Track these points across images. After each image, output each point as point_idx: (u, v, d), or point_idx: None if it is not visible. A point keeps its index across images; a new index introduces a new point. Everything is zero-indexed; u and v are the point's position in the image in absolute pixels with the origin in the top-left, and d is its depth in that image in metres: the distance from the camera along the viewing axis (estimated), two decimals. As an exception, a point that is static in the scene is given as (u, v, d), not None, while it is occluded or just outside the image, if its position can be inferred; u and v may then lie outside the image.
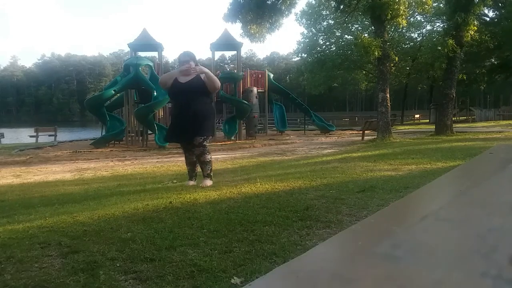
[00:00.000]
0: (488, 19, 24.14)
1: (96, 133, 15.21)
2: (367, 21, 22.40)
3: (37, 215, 3.44)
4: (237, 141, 15.37)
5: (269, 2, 14.09)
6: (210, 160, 4.57)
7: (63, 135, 20.54)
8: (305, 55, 31.09)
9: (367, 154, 7.85)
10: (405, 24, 15.29)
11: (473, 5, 12.92)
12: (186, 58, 4.48)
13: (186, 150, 4.66)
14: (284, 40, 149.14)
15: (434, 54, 14.84)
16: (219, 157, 9.65)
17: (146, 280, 1.90)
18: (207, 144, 4.53)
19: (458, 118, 27.62)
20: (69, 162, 9.97)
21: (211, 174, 4.58)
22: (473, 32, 13.31)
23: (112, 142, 14.65)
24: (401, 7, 11.79)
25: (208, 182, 4.48)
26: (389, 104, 12.33)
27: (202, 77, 4.42)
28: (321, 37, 30.61)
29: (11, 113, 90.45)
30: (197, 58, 4.76)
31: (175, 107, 4.75)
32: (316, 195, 3.62)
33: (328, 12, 27.64)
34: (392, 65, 22.49)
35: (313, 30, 30.26)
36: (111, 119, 15.13)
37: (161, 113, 15.43)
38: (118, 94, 15.17)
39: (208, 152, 4.52)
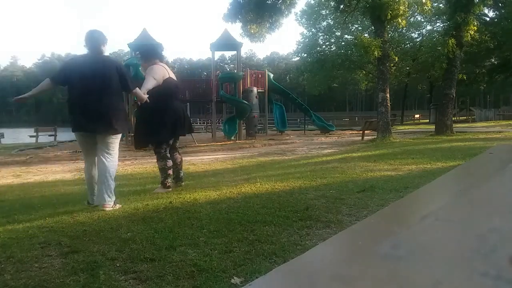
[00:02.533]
0: (488, 19, 24.15)
1: (96, 133, 15.12)
2: (367, 21, 22.38)
3: (37, 215, 3.43)
4: (237, 141, 15.37)
5: (269, 2, 14.08)
6: (164, 168, 4.28)
7: (63, 135, 20.48)
8: (305, 55, 31.10)
9: (367, 154, 7.84)
10: (405, 25, 15.28)
11: (473, 5, 12.92)
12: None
13: None
14: (284, 40, 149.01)
15: (434, 54, 14.83)
16: (219, 157, 9.66)
17: (146, 280, 1.90)
18: (162, 150, 4.25)
19: (458, 118, 27.62)
20: (69, 162, 9.95)
21: (165, 182, 4.30)
22: (473, 32, 13.30)
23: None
24: (401, 7, 11.79)
25: (158, 190, 4.29)
26: (389, 104, 12.32)
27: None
28: (321, 37, 30.64)
29: (11, 113, 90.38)
30: (197, 58, 4.52)
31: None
32: (316, 195, 3.63)
33: (328, 12, 27.66)
34: (392, 65, 22.51)
35: (313, 30, 30.29)
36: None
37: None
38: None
39: (161, 159, 4.26)
